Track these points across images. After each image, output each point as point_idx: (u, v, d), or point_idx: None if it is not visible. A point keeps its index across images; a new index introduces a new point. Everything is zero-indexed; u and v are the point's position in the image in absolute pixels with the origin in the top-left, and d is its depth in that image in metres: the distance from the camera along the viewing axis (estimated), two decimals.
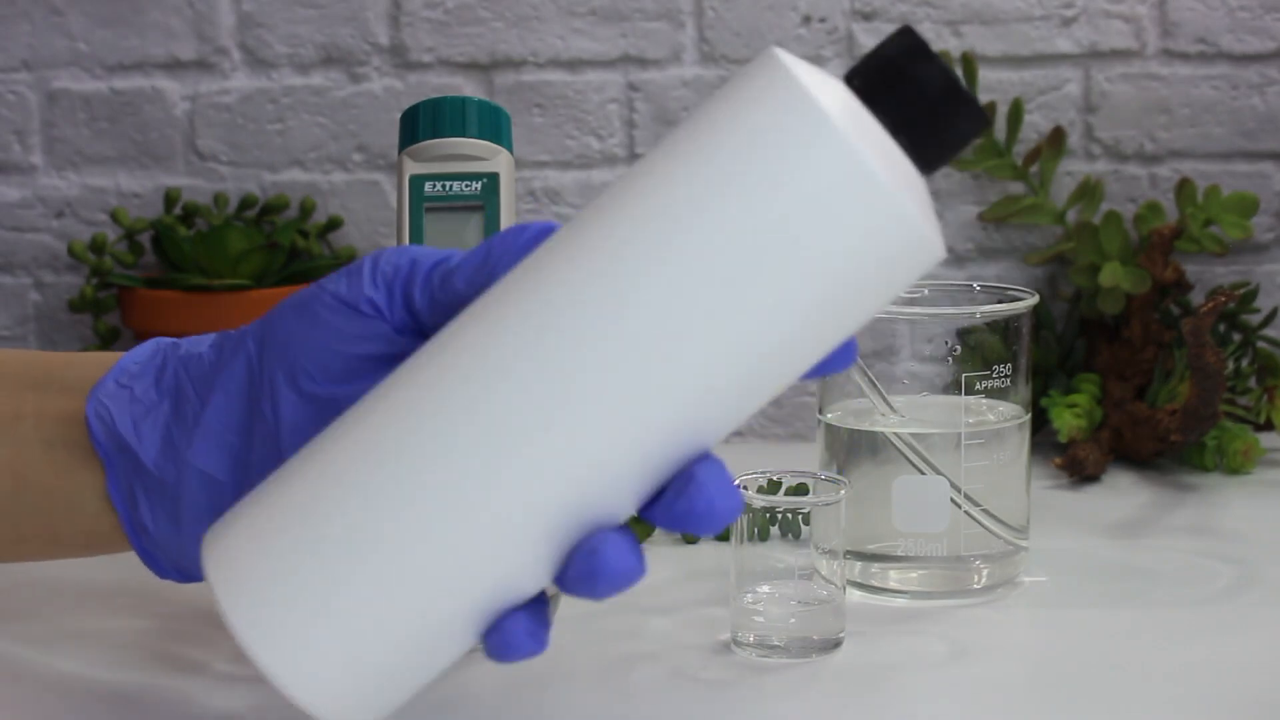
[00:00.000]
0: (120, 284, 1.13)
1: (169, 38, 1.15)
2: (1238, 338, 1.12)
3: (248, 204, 1.15)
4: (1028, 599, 0.87)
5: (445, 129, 0.81)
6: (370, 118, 1.15)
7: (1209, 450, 1.07)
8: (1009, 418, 0.87)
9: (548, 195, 1.15)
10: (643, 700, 0.76)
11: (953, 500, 0.86)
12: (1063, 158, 1.14)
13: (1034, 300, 0.88)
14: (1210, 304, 0.98)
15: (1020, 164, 1.14)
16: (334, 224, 1.15)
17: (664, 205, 0.60)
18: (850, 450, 0.87)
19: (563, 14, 1.14)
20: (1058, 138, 1.14)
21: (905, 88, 0.60)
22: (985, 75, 1.14)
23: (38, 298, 1.17)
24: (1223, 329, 1.12)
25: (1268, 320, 1.12)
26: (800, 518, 0.82)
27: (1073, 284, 1.13)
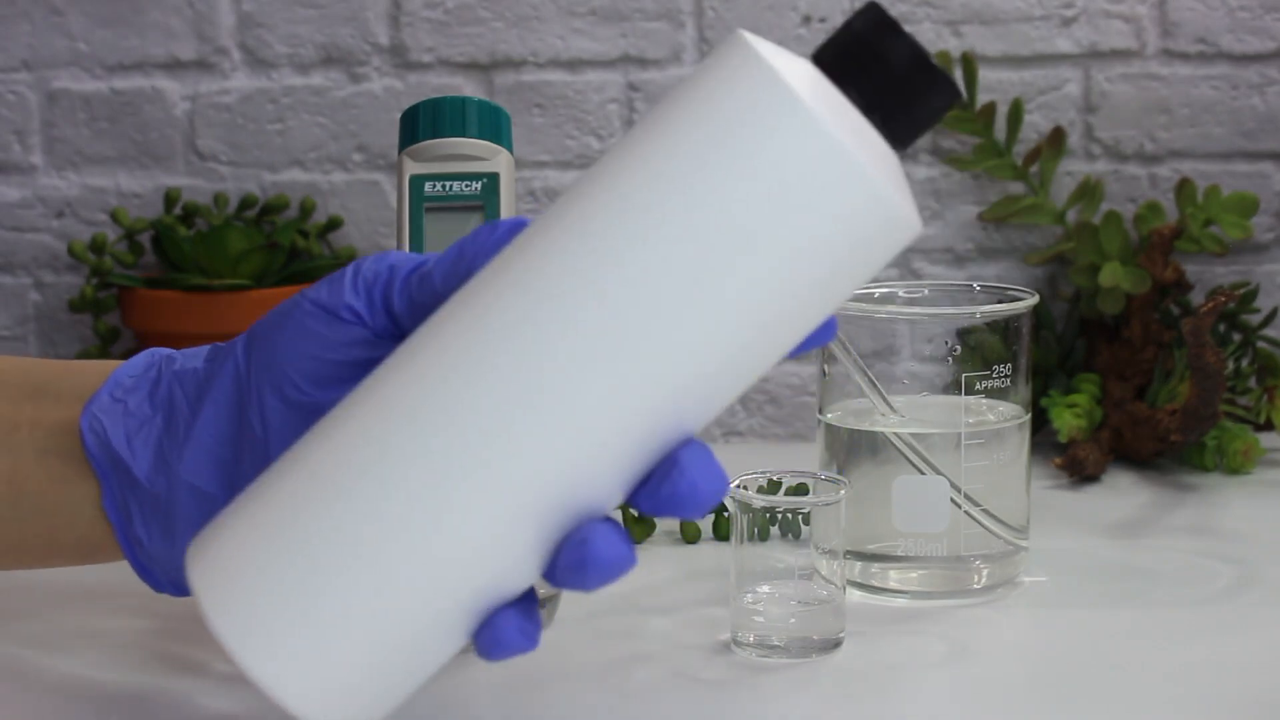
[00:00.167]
0: (120, 284, 1.13)
1: (169, 38, 1.15)
2: (1238, 338, 1.12)
3: (248, 204, 1.15)
4: (1028, 599, 0.87)
5: (445, 129, 0.81)
6: (370, 118, 1.15)
7: (1209, 450, 1.07)
8: (1009, 418, 0.87)
9: (548, 195, 1.15)
10: (643, 700, 0.76)
11: (953, 500, 0.85)
12: (1063, 158, 1.14)
13: (1034, 300, 0.88)
14: (1210, 304, 0.98)
15: (1020, 164, 1.14)
16: (334, 224, 1.15)
17: (636, 191, 0.59)
18: (850, 450, 0.87)
19: (563, 14, 1.14)
20: (1058, 138, 1.14)
21: (874, 64, 0.60)
22: (985, 75, 1.14)
23: (38, 298, 1.17)
24: (1223, 329, 1.11)
25: (1268, 320, 1.12)
26: (800, 518, 0.82)
27: (1073, 284, 1.13)
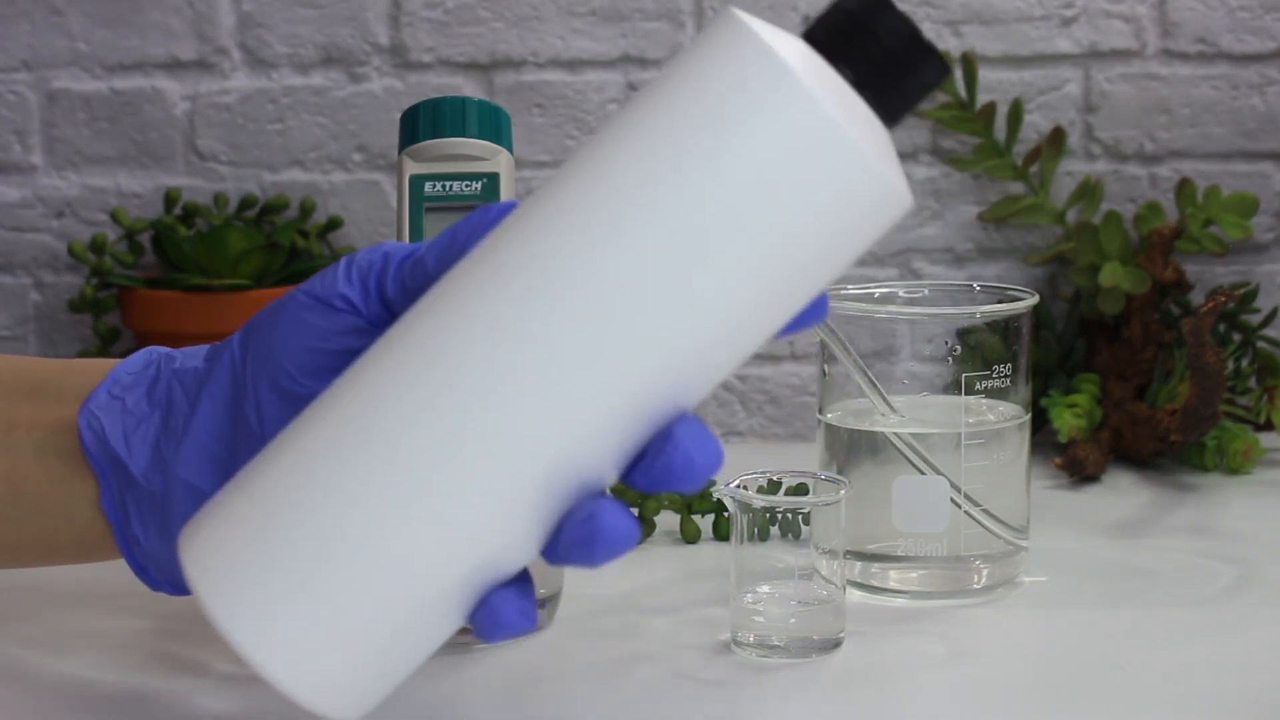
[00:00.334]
0: (120, 284, 1.13)
1: (169, 38, 1.15)
2: (1238, 338, 1.12)
3: (248, 204, 1.15)
4: (1028, 599, 0.87)
5: (445, 129, 0.81)
6: (370, 118, 1.15)
7: (1209, 450, 1.07)
8: (1009, 418, 0.87)
9: None
10: (643, 700, 0.76)
11: (953, 500, 0.85)
12: (1063, 158, 1.14)
13: (1034, 300, 0.88)
14: (1210, 304, 0.98)
15: (1020, 164, 1.14)
16: (334, 224, 1.15)
17: (629, 166, 0.59)
18: (850, 450, 0.87)
19: (563, 14, 1.14)
20: (1058, 138, 1.14)
21: (864, 39, 0.60)
22: (985, 75, 1.14)
23: (38, 298, 1.17)
24: (1223, 329, 1.12)
25: (1268, 320, 1.12)
26: (800, 518, 0.82)
27: (1073, 284, 1.13)
